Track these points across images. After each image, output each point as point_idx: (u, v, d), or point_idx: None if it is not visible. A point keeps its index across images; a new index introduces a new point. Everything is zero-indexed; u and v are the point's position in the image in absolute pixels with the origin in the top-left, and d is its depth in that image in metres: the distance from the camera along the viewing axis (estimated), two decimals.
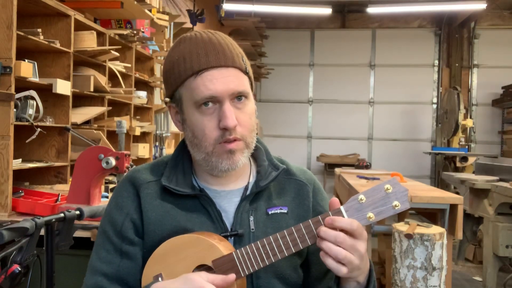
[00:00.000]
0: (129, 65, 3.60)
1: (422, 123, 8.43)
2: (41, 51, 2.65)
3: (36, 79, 2.39)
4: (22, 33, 2.24)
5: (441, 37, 8.33)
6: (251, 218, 1.00)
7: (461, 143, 6.95)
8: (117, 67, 3.36)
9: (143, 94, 3.95)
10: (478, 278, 4.38)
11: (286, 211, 1.03)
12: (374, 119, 8.54)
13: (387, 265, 3.37)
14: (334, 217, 0.88)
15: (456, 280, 4.27)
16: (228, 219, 1.00)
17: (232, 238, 0.98)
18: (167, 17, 4.17)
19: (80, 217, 1.53)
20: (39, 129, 2.45)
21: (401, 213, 3.73)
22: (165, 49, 4.23)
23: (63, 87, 2.60)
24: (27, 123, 2.38)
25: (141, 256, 0.99)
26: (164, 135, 4.55)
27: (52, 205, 2.10)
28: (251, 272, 0.89)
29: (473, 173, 5.78)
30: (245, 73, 0.98)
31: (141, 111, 4.08)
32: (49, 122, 2.61)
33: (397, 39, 8.42)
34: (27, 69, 2.20)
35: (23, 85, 2.33)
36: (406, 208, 0.88)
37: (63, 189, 2.53)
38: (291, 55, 8.65)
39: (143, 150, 3.95)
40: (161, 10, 4.10)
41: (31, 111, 2.40)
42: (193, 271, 0.90)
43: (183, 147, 1.05)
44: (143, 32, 3.67)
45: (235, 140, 0.95)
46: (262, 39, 7.43)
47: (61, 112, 2.71)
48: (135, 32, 3.49)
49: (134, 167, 1.16)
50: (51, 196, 2.31)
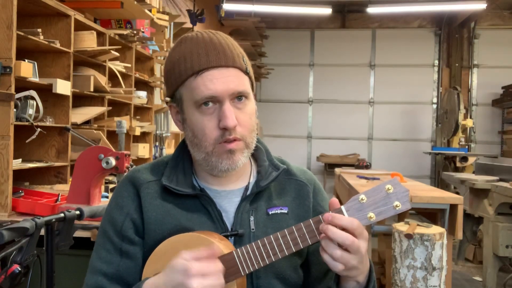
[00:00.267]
0: (129, 65, 3.60)
1: (422, 123, 8.43)
2: (41, 51, 2.65)
3: (36, 79, 2.39)
4: (22, 33, 2.24)
5: (441, 37, 8.33)
6: (252, 218, 1.00)
7: (461, 143, 6.95)
8: (117, 67, 3.36)
9: (143, 94, 3.95)
10: (478, 278, 4.38)
11: (286, 211, 1.03)
12: (374, 119, 8.53)
13: (387, 265, 3.37)
14: (334, 214, 0.87)
15: (456, 280, 4.27)
16: (228, 219, 1.00)
17: (232, 238, 0.98)
18: (167, 17, 4.17)
19: (80, 217, 1.53)
20: (39, 129, 2.45)
21: (401, 213, 3.73)
22: (165, 49, 4.23)
23: (63, 87, 2.60)
24: (27, 123, 2.38)
25: (141, 255, 0.99)
26: (164, 135, 4.55)
27: (52, 205, 2.10)
28: (251, 271, 0.89)
29: (473, 173, 5.78)
30: (246, 73, 0.98)
31: (141, 111, 4.08)
32: (49, 122, 2.61)
33: (397, 39, 8.42)
34: (27, 69, 2.20)
35: (23, 85, 2.33)
36: (407, 208, 0.88)
37: (63, 189, 2.53)
38: (291, 55, 8.65)
39: (143, 150, 3.95)
40: (161, 10, 4.10)
41: (31, 111, 2.40)
42: None
43: (184, 147, 1.05)
44: (143, 32, 3.67)
45: (235, 140, 0.95)
46: (262, 39, 7.43)
47: (61, 112, 2.71)
48: (135, 32, 3.49)
49: (134, 167, 1.16)
50: (51, 196, 2.31)
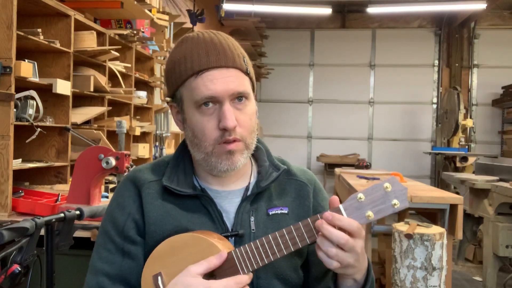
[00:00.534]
0: (129, 65, 3.60)
1: (422, 123, 8.43)
2: (41, 51, 2.65)
3: (36, 79, 2.39)
4: (22, 33, 2.24)
5: (441, 37, 8.33)
6: (252, 218, 1.00)
7: (461, 143, 6.95)
8: (117, 67, 3.36)
9: (143, 94, 3.95)
10: (478, 278, 4.38)
11: (286, 212, 1.03)
12: (374, 119, 8.53)
13: (387, 265, 3.37)
14: (334, 214, 0.87)
15: (456, 280, 4.27)
16: (229, 220, 1.00)
17: (232, 238, 0.98)
18: (167, 17, 4.17)
19: (80, 217, 1.53)
20: (39, 129, 2.45)
21: (401, 213, 3.73)
22: (165, 49, 4.23)
23: (63, 87, 2.60)
24: (27, 123, 2.38)
25: (143, 256, 0.99)
26: (164, 135, 4.55)
27: (52, 205, 2.10)
28: (251, 270, 0.89)
29: (473, 173, 5.78)
30: (246, 74, 0.98)
31: (141, 111, 4.08)
32: (49, 122, 2.61)
33: (397, 39, 8.42)
34: (27, 69, 2.20)
35: (23, 85, 2.33)
36: (405, 207, 0.88)
37: (63, 189, 2.53)
38: (291, 55, 8.65)
39: (143, 150, 3.95)
40: (161, 10, 4.10)
41: (31, 111, 2.40)
42: None
43: (184, 147, 1.05)
44: (143, 32, 3.67)
45: (234, 140, 0.95)
46: (262, 39, 7.43)
47: (61, 112, 2.71)
48: (135, 32, 3.49)
49: (135, 167, 1.16)
50: (51, 196, 2.30)
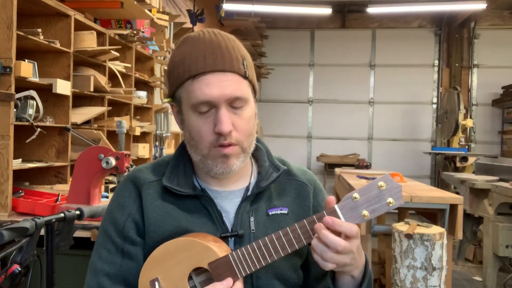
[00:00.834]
0: (129, 65, 3.60)
1: (422, 123, 8.43)
2: (41, 51, 2.65)
3: (36, 79, 2.39)
4: (22, 33, 2.24)
5: (441, 37, 8.33)
6: (252, 218, 1.00)
7: (461, 143, 6.95)
8: (117, 67, 3.36)
9: (143, 94, 3.95)
10: (478, 278, 4.38)
11: (286, 212, 1.03)
12: (374, 119, 8.54)
13: (387, 265, 3.37)
14: (334, 219, 0.87)
15: (456, 280, 4.27)
16: (228, 220, 1.00)
17: (232, 238, 0.98)
18: (167, 17, 4.17)
19: (80, 217, 1.53)
20: (39, 129, 2.45)
21: (401, 213, 3.74)
22: (165, 49, 4.23)
23: (63, 87, 2.60)
24: (27, 123, 2.38)
25: (143, 256, 0.99)
26: (164, 135, 4.55)
27: (52, 205, 2.10)
28: (248, 273, 0.90)
29: (473, 173, 5.78)
30: (245, 77, 0.97)
31: (141, 111, 4.08)
32: (49, 122, 2.61)
33: (397, 39, 8.42)
34: (27, 69, 2.20)
35: (23, 85, 2.33)
36: (400, 204, 0.89)
37: (63, 189, 2.53)
38: (291, 55, 8.65)
39: (143, 150, 3.95)
40: (161, 10, 4.10)
41: (31, 111, 2.40)
42: (190, 274, 0.91)
43: (184, 147, 1.05)
44: (143, 32, 3.67)
45: (230, 145, 0.95)
46: (262, 39, 7.43)
47: (61, 112, 2.71)
48: (135, 32, 3.49)
49: (135, 167, 1.16)
50: (51, 196, 2.30)
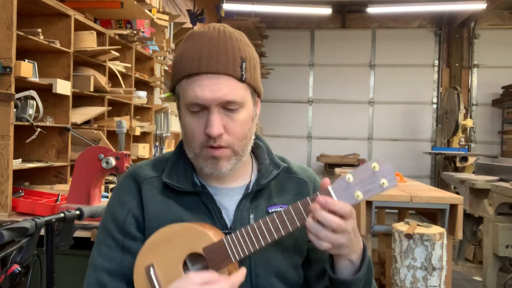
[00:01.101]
0: (129, 65, 3.60)
1: (422, 123, 8.44)
2: (41, 51, 2.65)
3: (36, 79, 2.39)
4: (22, 33, 2.24)
5: (441, 37, 8.33)
6: (251, 216, 1.00)
7: (461, 143, 6.95)
8: (117, 67, 3.36)
9: (143, 94, 3.95)
10: (478, 278, 4.38)
11: None
12: (374, 119, 8.54)
13: (387, 265, 3.37)
14: (327, 198, 0.87)
15: (456, 280, 4.27)
16: (228, 217, 1.00)
17: None
18: (167, 17, 4.17)
19: (80, 217, 1.53)
20: (39, 129, 2.45)
21: (401, 213, 3.74)
22: (165, 49, 4.23)
23: (63, 87, 2.60)
24: (27, 123, 2.38)
25: None
26: (164, 135, 4.55)
27: (52, 205, 2.10)
28: (242, 257, 0.90)
29: (473, 173, 5.78)
30: (241, 81, 0.95)
31: (141, 111, 4.08)
32: (49, 122, 2.61)
33: (397, 39, 8.42)
34: (27, 69, 2.20)
35: (23, 85, 2.33)
36: (393, 186, 0.89)
37: (63, 189, 2.53)
38: (291, 55, 8.65)
39: (143, 150, 3.95)
40: (161, 10, 4.10)
41: (31, 111, 2.40)
42: (185, 260, 0.91)
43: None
44: (143, 32, 3.67)
45: (220, 147, 0.95)
46: (262, 39, 7.43)
47: (61, 112, 2.71)
48: (135, 32, 3.49)
49: (135, 163, 1.16)
50: (51, 196, 2.31)
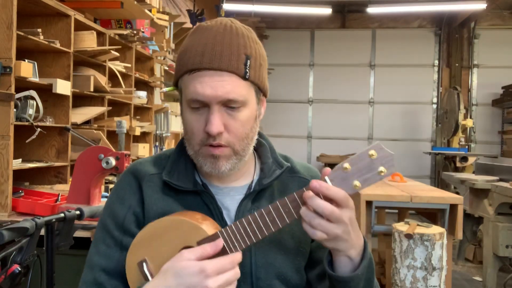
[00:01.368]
0: (129, 65, 3.60)
1: (422, 123, 8.44)
2: (41, 51, 2.65)
3: (36, 79, 2.39)
4: (22, 33, 2.24)
5: (441, 37, 8.33)
6: None
7: (461, 143, 6.95)
8: (117, 67, 3.36)
9: (143, 94, 3.95)
10: (478, 278, 4.38)
11: None
12: (374, 119, 8.54)
13: (387, 265, 3.37)
14: (321, 183, 0.85)
15: (456, 280, 4.27)
16: (229, 217, 0.98)
17: None
18: (167, 17, 4.17)
19: (80, 217, 1.53)
20: (39, 129, 2.45)
21: (401, 213, 3.74)
22: (165, 49, 4.23)
23: (63, 87, 2.60)
24: (27, 123, 2.38)
25: None
26: (164, 135, 4.55)
27: (52, 205, 2.11)
28: (239, 250, 0.87)
29: (473, 173, 5.78)
30: (244, 78, 0.92)
31: (141, 111, 4.08)
32: (49, 122, 2.61)
33: (397, 39, 8.42)
34: (27, 69, 2.20)
35: (23, 85, 2.33)
36: (392, 173, 0.85)
37: (63, 189, 2.53)
38: (291, 55, 8.65)
39: (143, 150, 3.95)
40: (161, 10, 4.10)
41: (31, 111, 2.40)
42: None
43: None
44: (143, 32, 3.67)
45: (220, 146, 0.92)
46: (262, 39, 7.44)
47: (61, 112, 2.71)
48: (135, 32, 3.49)
49: (136, 160, 1.15)
50: (51, 196, 2.31)
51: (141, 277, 0.89)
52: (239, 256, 0.87)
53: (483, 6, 6.54)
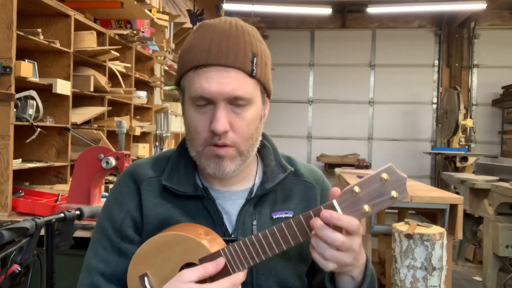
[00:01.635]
0: (129, 65, 3.60)
1: (422, 123, 8.43)
2: (41, 51, 2.65)
3: (36, 79, 2.39)
4: (22, 33, 2.24)
5: (441, 37, 8.33)
6: (254, 222, 0.95)
7: (461, 143, 6.95)
8: (117, 67, 3.36)
9: (143, 94, 3.95)
10: (478, 278, 4.38)
11: (291, 216, 0.97)
12: (374, 119, 8.54)
13: (387, 265, 3.37)
14: (332, 213, 0.81)
15: (456, 280, 4.27)
16: (230, 222, 0.95)
17: (233, 243, 0.92)
18: (167, 17, 4.17)
19: (80, 217, 1.53)
20: (39, 129, 2.45)
21: (401, 213, 3.74)
22: (165, 49, 4.23)
23: (63, 87, 2.60)
24: (27, 123, 2.38)
25: None
26: (164, 135, 4.55)
27: (52, 205, 2.11)
28: (241, 270, 0.85)
29: (473, 173, 5.78)
30: (251, 76, 0.89)
31: (141, 111, 4.08)
32: (49, 122, 2.61)
33: (397, 39, 8.42)
34: (27, 69, 2.20)
35: (23, 85, 2.33)
36: (404, 198, 0.81)
37: (63, 189, 2.53)
38: (291, 55, 8.65)
39: (143, 150, 3.95)
40: (161, 10, 4.10)
41: (31, 111, 2.40)
42: (180, 270, 0.86)
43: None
44: (143, 32, 3.67)
45: (225, 146, 0.89)
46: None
47: (61, 112, 2.71)
48: (135, 32, 3.49)
49: (135, 161, 1.10)
50: (51, 196, 2.31)
51: None
52: (242, 276, 0.85)
53: (483, 6, 6.54)
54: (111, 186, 2.72)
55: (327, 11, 7.26)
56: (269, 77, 0.96)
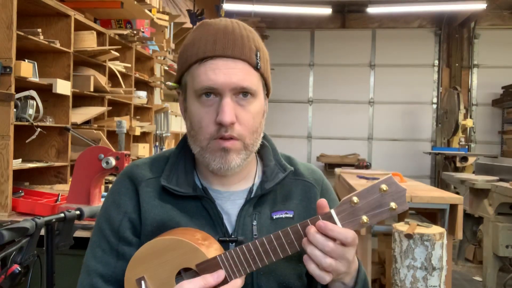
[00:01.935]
0: (129, 65, 3.60)
1: (422, 123, 8.43)
2: (41, 51, 2.65)
3: (36, 79, 2.39)
4: (22, 33, 2.24)
5: (441, 37, 8.33)
6: (254, 222, 0.94)
7: (461, 143, 6.95)
8: (117, 67, 3.36)
9: (143, 94, 3.95)
10: (478, 278, 4.38)
11: (291, 216, 0.97)
12: (374, 119, 8.54)
13: (387, 265, 3.37)
14: (327, 224, 0.81)
15: (456, 280, 4.27)
16: (230, 223, 0.94)
17: (233, 244, 0.92)
18: (167, 17, 4.17)
19: (80, 217, 1.53)
20: (39, 129, 2.45)
21: (401, 213, 3.73)
22: (165, 49, 4.23)
23: (63, 87, 2.60)
24: (27, 123, 2.38)
25: None
26: (164, 135, 4.55)
27: (52, 205, 2.11)
28: (237, 277, 0.85)
29: (473, 173, 5.78)
30: (256, 68, 0.91)
31: (141, 111, 4.08)
32: (49, 122, 2.61)
33: (397, 39, 8.42)
34: (27, 69, 2.20)
35: (23, 85, 2.33)
36: (404, 209, 0.81)
37: (63, 189, 2.53)
38: (291, 55, 8.65)
39: (143, 150, 3.95)
40: (161, 10, 4.10)
41: (31, 111, 2.40)
42: (177, 276, 0.87)
43: (186, 141, 0.98)
44: (143, 32, 3.67)
45: (231, 138, 0.88)
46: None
47: (61, 112, 2.71)
48: (135, 32, 3.49)
49: (133, 161, 1.10)
50: (51, 196, 2.31)
51: None
52: (239, 283, 0.85)
53: (483, 6, 6.54)
54: (111, 186, 2.72)
55: (327, 11, 7.26)
56: (270, 75, 0.97)
